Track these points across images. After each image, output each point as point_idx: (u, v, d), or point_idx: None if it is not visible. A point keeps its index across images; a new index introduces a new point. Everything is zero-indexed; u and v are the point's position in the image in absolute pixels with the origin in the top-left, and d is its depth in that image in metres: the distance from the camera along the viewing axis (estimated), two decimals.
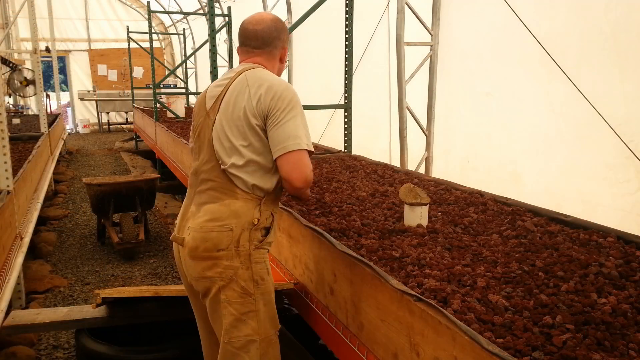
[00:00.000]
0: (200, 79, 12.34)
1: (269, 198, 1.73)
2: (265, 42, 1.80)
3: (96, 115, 13.94)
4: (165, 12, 10.55)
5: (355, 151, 4.23)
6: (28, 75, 7.86)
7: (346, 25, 3.94)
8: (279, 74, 1.87)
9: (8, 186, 3.17)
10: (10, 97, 9.04)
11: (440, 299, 1.51)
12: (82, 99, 13.40)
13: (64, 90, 16.56)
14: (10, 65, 7.78)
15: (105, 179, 4.92)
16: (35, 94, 7.90)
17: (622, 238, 2.01)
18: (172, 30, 13.96)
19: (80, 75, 14.19)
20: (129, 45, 10.15)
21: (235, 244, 1.66)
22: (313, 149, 1.66)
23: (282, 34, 1.83)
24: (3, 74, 7.32)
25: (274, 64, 1.85)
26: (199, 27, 12.06)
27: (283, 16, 6.97)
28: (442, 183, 3.04)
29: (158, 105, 7.73)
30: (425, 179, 3.20)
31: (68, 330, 3.12)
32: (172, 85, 12.72)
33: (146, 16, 10.29)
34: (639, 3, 2.62)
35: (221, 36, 8.31)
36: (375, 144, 5.12)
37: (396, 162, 4.22)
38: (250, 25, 1.80)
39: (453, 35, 3.93)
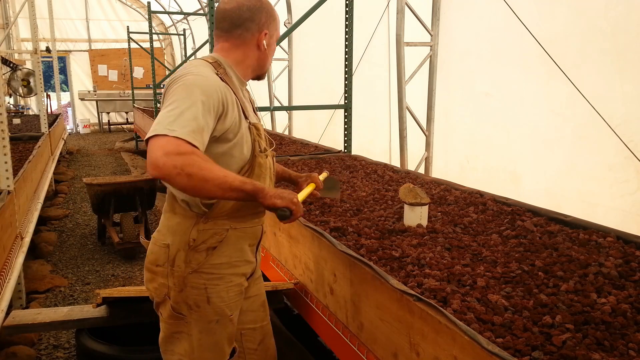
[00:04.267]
0: None
1: (218, 212, 1.52)
2: (233, 23, 1.55)
3: (96, 116, 13.95)
4: (165, 12, 10.57)
5: (355, 151, 4.23)
6: (28, 75, 7.88)
7: (346, 26, 3.94)
8: (259, 65, 1.63)
9: (8, 186, 3.17)
10: (10, 97, 9.05)
11: (440, 298, 1.51)
12: (82, 99, 13.41)
13: (64, 91, 16.58)
14: (11, 65, 7.80)
15: (106, 179, 4.92)
16: (35, 94, 7.92)
17: (622, 238, 2.01)
18: (172, 30, 13.97)
19: (80, 75, 14.20)
20: (129, 45, 10.16)
21: (171, 263, 1.53)
22: (186, 138, 1.29)
23: (258, 14, 1.56)
24: (3, 74, 7.32)
25: (246, 52, 1.58)
26: (199, 27, 12.06)
27: (283, 16, 6.97)
28: (442, 183, 3.04)
29: (158, 105, 7.74)
30: (425, 179, 3.20)
31: (68, 330, 3.13)
32: None
33: (146, 16, 10.29)
34: (638, 3, 2.63)
35: None
36: (375, 144, 5.12)
37: (396, 162, 4.23)
38: (222, 4, 1.58)
39: (453, 35, 3.94)
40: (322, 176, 2.02)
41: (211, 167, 1.32)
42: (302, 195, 1.72)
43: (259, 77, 1.70)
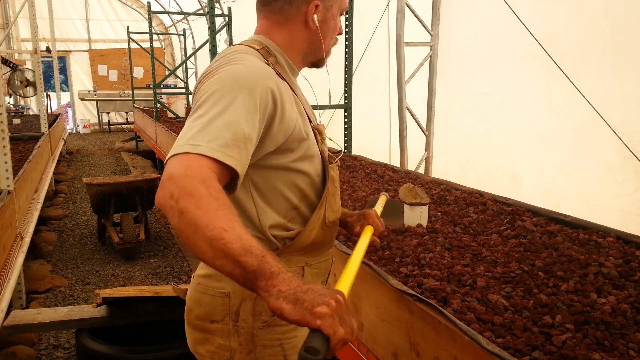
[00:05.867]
0: None
1: (297, 247, 1.17)
2: None
3: (96, 116, 13.95)
4: (165, 12, 10.56)
5: (355, 151, 4.23)
6: (28, 75, 7.88)
7: (346, 26, 3.94)
8: (311, 49, 1.20)
9: (9, 186, 3.17)
10: (10, 97, 9.05)
11: (440, 298, 1.51)
12: (82, 99, 13.41)
13: (64, 91, 16.58)
14: (11, 65, 7.80)
15: (106, 179, 4.93)
16: (35, 94, 7.91)
17: (622, 238, 2.01)
18: (172, 30, 13.97)
19: (80, 75, 14.21)
20: (129, 45, 10.16)
21: (234, 317, 1.16)
22: (213, 155, 0.89)
23: None
24: (3, 74, 7.33)
25: (291, 32, 1.17)
26: (199, 27, 12.06)
27: None
28: (442, 183, 3.04)
29: (158, 105, 7.74)
30: (425, 179, 3.20)
31: (68, 330, 3.13)
32: (172, 86, 12.73)
33: (146, 16, 10.29)
34: (638, 3, 2.63)
35: (221, 36, 8.30)
36: (375, 144, 5.12)
37: (396, 162, 4.23)
38: None
39: (453, 35, 3.94)
40: (380, 205, 1.49)
41: (215, 209, 0.84)
42: (352, 270, 1.06)
43: (314, 65, 1.27)
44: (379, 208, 1.45)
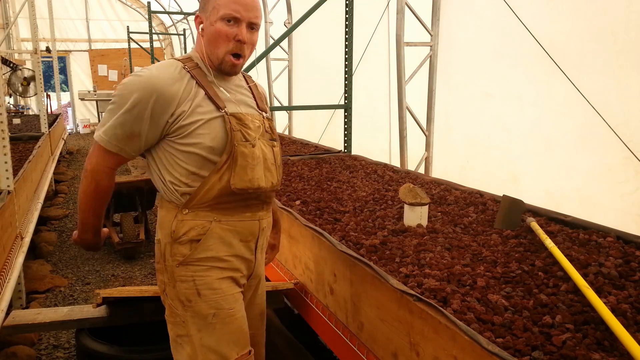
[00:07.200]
0: None
1: (197, 203, 1.49)
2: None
3: (96, 116, 13.92)
4: (165, 12, 10.56)
5: (355, 151, 4.23)
6: (28, 75, 7.88)
7: (346, 26, 3.94)
8: (204, 53, 1.53)
9: (8, 186, 3.17)
10: (10, 97, 9.05)
11: (440, 298, 1.51)
12: (82, 99, 13.38)
13: (64, 91, 16.57)
14: (11, 65, 7.80)
15: None
16: (35, 94, 7.92)
17: (622, 238, 2.01)
18: (172, 30, 13.96)
19: (80, 75, 14.19)
20: (129, 45, 10.16)
21: (163, 258, 1.54)
22: (105, 145, 1.48)
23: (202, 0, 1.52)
24: (3, 74, 7.32)
25: (199, 41, 1.56)
26: None
27: (283, 16, 6.97)
28: (442, 183, 3.04)
29: None
30: (425, 179, 3.20)
31: (68, 330, 3.13)
32: None
33: (146, 16, 10.29)
34: (638, 3, 2.63)
35: None
36: (375, 144, 5.12)
37: (396, 162, 4.23)
38: None
39: (453, 35, 3.94)
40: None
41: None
42: None
43: (220, 70, 1.54)
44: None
